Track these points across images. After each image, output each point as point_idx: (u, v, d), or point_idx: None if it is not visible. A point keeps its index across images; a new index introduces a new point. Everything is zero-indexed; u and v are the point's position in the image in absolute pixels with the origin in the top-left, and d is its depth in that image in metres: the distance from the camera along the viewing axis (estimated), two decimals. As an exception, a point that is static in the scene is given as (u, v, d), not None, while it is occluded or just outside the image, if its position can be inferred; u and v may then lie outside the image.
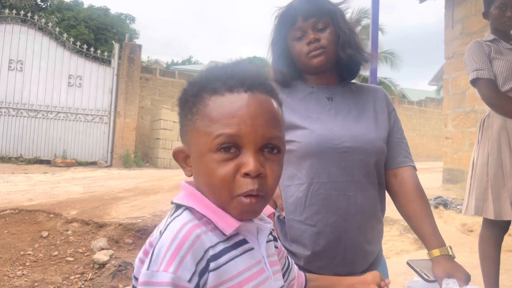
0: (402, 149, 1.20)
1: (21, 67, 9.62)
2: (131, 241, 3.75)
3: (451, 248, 1.04)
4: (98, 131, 10.26)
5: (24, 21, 9.85)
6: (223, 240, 0.64)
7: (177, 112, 0.72)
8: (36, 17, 10.01)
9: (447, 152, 6.19)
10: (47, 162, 9.56)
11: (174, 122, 10.51)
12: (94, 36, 15.70)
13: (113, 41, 12.85)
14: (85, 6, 17.94)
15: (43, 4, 16.83)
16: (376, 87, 1.29)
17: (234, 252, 0.64)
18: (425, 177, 6.42)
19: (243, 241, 0.67)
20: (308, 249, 1.10)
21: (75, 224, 3.97)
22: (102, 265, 3.24)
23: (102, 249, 3.48)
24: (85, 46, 10.39)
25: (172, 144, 10.70)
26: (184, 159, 0.70)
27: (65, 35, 10.28)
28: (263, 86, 0.66)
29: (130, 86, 10.44)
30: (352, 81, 1.29)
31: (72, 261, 3.35)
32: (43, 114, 9.76)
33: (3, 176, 6.98)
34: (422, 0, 6.50)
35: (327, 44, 1.15)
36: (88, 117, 10.15)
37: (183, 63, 32.50)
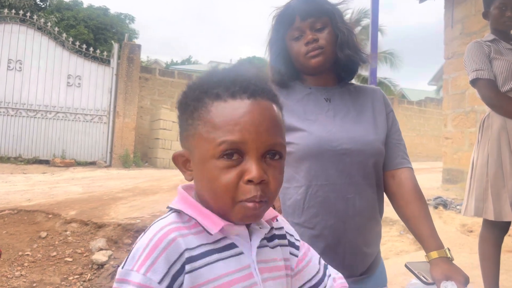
0: (400, 151, 1.19)
1: (20, 67, 9.60)
2: (130, 241, 3.74)
3: (449, 250, 1.03)
4: (97, 131, 10.24)
5: (23, 21, 9.84)
6: (209, 243, 0.64)
7: (177, 116, 0.72)
8: (35, 16, 9.99)
9: (447, 152, 6.19)
10: (46, 162, 9.55)
11: (173, 122, 10.48)
12: (93, 36, 15.68)
13: (113, 41, 12.82)
14: (85, 6, 17.94)
15: (42, 3, 16.81)
16: (374, 88, 1.28)
17: (217, 256, 0.64)
18: (424, 177, 6.42)
19: (232, 245, 0.67)
20: (306, 252, 1.09)
21: (74, 224, 3.96)
22: (101, 265, 3.23)
23: (101, 249, 3.47)
24: (84, 46, 10.38)
25: (171, 144, 10.68)
26: (184, 163, 0.70)
27: (64, 35, 10.26)
28: (265, 92, 0.67)
29: (129, 86, 10.42)
30: (350, 82, 1.28)
31: (71, 261, 3.34)
32: (42, 114, 9.74)
33: (2, 176, 6.97)
34: (422, 0, 6.50)
35: (325, 44, 1.14)
36: (87, 117, 10.13)
37: (183, 63, 32.48)
